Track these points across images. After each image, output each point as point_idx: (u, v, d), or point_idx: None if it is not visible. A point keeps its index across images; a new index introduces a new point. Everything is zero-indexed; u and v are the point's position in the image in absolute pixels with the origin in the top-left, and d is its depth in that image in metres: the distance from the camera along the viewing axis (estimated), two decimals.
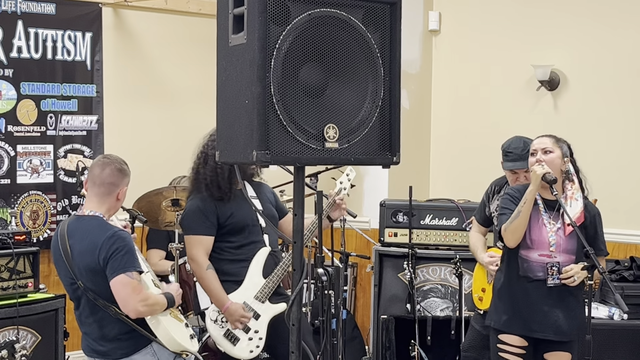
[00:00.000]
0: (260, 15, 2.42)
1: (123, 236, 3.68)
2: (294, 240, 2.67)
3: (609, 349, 4.89)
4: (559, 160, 4.04)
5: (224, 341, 4.15)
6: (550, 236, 4.00)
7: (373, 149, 2.63)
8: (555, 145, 4.08)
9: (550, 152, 4.05)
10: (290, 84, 2.47)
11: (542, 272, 4.00)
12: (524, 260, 4.02)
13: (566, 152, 4.10)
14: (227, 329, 4.16)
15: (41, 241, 5.86)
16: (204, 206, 4.15)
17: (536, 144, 4.10)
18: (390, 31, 2.65)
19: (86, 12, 6.06)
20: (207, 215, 4.14)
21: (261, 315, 4.21)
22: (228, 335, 4.15)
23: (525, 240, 4.02)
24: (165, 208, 5.13)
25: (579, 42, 5.93)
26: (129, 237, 3.72)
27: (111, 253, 3.60)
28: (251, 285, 4.21)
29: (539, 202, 4.05)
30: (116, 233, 3.66)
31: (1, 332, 4.57)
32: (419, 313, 5.48)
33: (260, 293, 4.21)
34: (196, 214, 4.17)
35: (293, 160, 2.51)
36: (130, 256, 3.64)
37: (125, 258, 3.62)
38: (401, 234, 5.71)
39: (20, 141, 5.81)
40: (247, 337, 4.17)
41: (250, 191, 4.29)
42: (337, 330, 4.10)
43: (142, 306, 3.62)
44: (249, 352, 4.18)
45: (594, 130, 5.86)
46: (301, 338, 2.75)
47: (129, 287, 3.59)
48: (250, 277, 4.21)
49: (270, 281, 4.23)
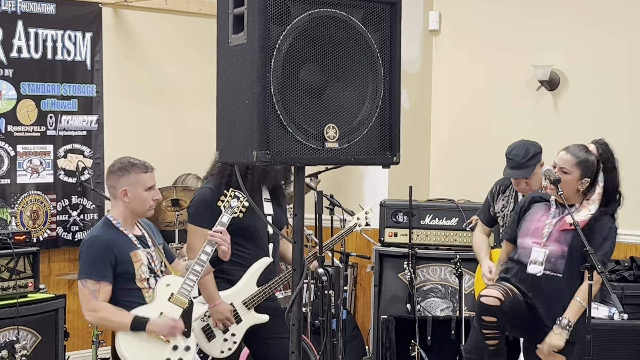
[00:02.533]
0: (260, 15, 2.42)
1: (89, 242, 3.78)
2: (294, 241, 2.66)
3: (609, 349, 4.89)
4: (574, 182, 4.02)
5: (201, 334, 4.19)
6: (546, 227, 4.06)
7: (373, 149, 2.63)
8: (576, 167, 4.02)
9: (567, 173, 4.01)
10: (290, 84, 2.47)
11: (526, 256, 4.08)
12: (519, 246, 4.14)
13: (588, 172, 4.04)
14: (207, 323, 4.20)
15: (41, 241, 5.86)
16: (213, 200, 4.09)
17: (558, 158, 4.07)
18: (390, 31, 2.65)
19: (86, 12, 6.06)
20: (212, 210, 4.09)
21: (242, 321, 4.24)
22: (206, 329, 4.20)
23: (522, 227, 4.15)
24: (165, 208, 5.14)
25: (579, 42, 5.93)
26: (95, 244, 3.75)
27: (79, 258, 3.81)
28: (243, 289, 4.23)
29: (551, 200, 4.15)
30: (88, 239, 3.81)
31: (1, 332, 4.57)
32: (419, 313, 5.48)
33: (249, 300, 4.23)
34: (204, 206, 4.17)
35: (293, 160, 2.51)
36: (88, 265, 3.73)
37: (82, 265, 3.77)
38: (401, 234, 5.70)
39: (20, 141, 5.81)
40: (223, 337, 4.21)
41: (265, 193, 4.29)
42: (337, 330, 4.11)
43: (88, 315, 3.76)
44: (220, 351, 4.22)
45: (593, 130, 5.83)
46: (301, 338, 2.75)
47: (81, 294, 3.75)
48: (244, 281, 4.23)
49: (262, 291, 4.24)
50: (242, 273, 4.23)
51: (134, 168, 3.80)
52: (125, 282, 3.77)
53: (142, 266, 3.80)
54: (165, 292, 3.82)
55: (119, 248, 3.76)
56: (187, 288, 3.83)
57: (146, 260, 3.83)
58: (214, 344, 4.21)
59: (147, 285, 3.81)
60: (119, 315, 3.73)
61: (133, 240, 3.82)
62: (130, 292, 3.78)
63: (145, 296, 3.80)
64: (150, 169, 3.84)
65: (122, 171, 3.80)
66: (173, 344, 3.77)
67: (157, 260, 3.89)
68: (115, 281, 3.76)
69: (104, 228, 3.82)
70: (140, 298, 3.79)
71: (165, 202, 5.09)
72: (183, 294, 3.81)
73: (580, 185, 4.04)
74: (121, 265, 3.75)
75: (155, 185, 3.86)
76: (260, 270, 4.24)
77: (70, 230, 6.05)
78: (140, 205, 3.82)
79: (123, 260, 3.76)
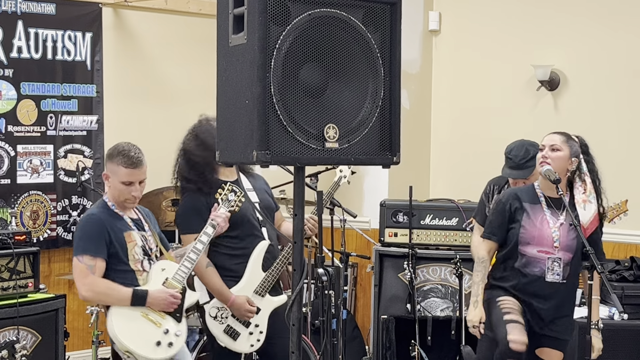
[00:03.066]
0: (260, 15, 2.42)
1: (85, 220, 3.86)
2: (294, 240, 2.67)
3: (609, 349, 4.88)
4: (566, 160, 4.02)
5: (225, 337, 4.16)
6: (554, 232, 4.02)
7: (373, 149, 2.63)
8: (565, 144, 4.04)
9: (558, 150, 4.02)
10: (290, 84, 2.47)
11: (538, 267, 4.02)
12: (522, 255, 4.05)
13: (576, 152, 4.06)
14: (227, 324, 4.17)
15: (41, 241, 5.86)
16: (195, 204, 4.16)
17: (545, 140, 4.08)
18: (391, 31, 2.65)
19: (86, 12, 6.06)
20: (199, 212, 4.14)
21: (261, 309, 4.22)
22: (228, 330, 4.17)
23: (525, 236, 4.04)
24: (165, 208, 5.14)
25: (579, 42, 5.93)
26: (90, 221, 3.82)
27: (74, 236, 3.91)
28: (251, 280, 4.22)
29: (541, 200, 4.06)
30: (84, 217, 3.91)
31: (1, 332, 4.57)
32: (419, 313, 5.48)
33: (260, 287, 4.21)
34: (189, 213, 4.20)
35: (293, 160, 2.51)
36: (84, 241, 3.78)
37: (78, 242, 3.81)
38: (401, 234, 5.70)
39: (20, 141, 5.81)
40: (248, 332, 4.19)
41: (246, 183, 4.30)
42: (337, 330, 4.11)
43: (85, 291, 3.75)
44: (250, 345, 4.20)
45: (594, 130, 5.85)
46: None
47: (76, 270, 3.77)
48: (249, 272, 4.22)
49: (270, 275, 4.23)
50: (245, 265, 4.23)
51: (118, 158, 3.84)
52: (118, 263, 3.81)
53: (136, 247, 3.86)
54: (160, 276, 3.86)
55: (113, 227, 3.82)
56: (182, 274, 3.87)
57: (140, 242, 3.88)
58: (241, 341, 4.18)
59: (141, 268, 3.86)
60: (118, 290, 3.76)
61: (128, 222, 3.89)
62: (124, 274, 3.82)
63: (139, 279, 3.85)
64: (134, 165, 3.82)
65: (110, 156, 3.89)
66: (165, 327, 3.80)
67: (152, 244, 3.95)
68: (109, 261, 3.80)
69: (100, 208, 3.90)
70: (134, 280, 3.83)
71: (165, 202, 5.09)
72: (177, 279, 3.86)
73: (570, 165, 4.04)
74: (115, 244, 3.80)
75: (136, 183, 3.85)
76: (261, 255, 4.22)
77: (70, 230, 6.05)
78: (117, 194, 3.87)
79: (117, 239, 3.81)
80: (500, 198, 4.22)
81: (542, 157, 4.02)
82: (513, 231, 4.08)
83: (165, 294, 3.81)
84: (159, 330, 3.79)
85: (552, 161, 3.98)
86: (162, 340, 3.79)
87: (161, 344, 3.78)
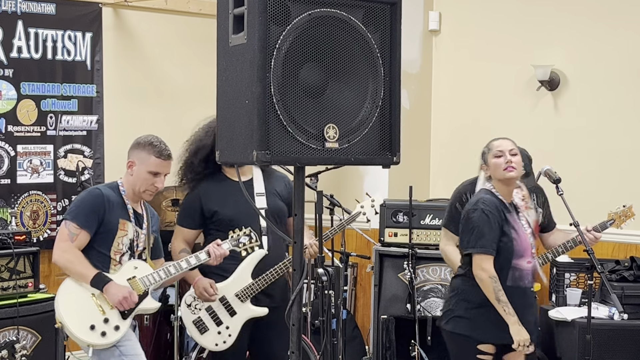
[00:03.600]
0: (261, 15, 2.42)
1: (88, 191, 3.95)
2: (294, 241, 2.66)
3: (609, 349, 4.89)
4: (521, 164, 4.01)
5: (193, 327, 4.23)
6: (531, 240, 3.98)
7: (373, 149, 2.63)
8: (517, 147, 4.02)
9: (516, 154, 3.98)
10: (290, 84, 2.47)
11: (527, 278, 3.94)
12: (516, 269, 3.90)
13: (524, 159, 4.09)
14: (198, 316, 4.23)
15: (41, 241, 5.86)
16: (189, 203, 4.37)
17: (502, 146, 3.98)
18: (391, 31, 2.64)
19: (86, 12, 6.06)
20: (189, 211, 4.35)
21: (237, 314, 4.24)
22: (197, 322, 4.22)
23: (516, 249, 3.90)
24: (166, 208, 5.14)
25: (580, 42, 5.93)
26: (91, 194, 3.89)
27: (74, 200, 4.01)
28: (236, 282, 4.25)
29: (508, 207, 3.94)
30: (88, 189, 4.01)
31: (1, 332, 4.57)
32: (419, 313, 5.48)
33: (243, 292, 4.24)
34: (183, 208, 4.44)
35: (293, 160, 2.51)
36: (77, 209, 3.85)
37: (72, 207, 3.91)
38: (401, 234, 5.70)
39: (20, 141, 5.81)
40: (217, 330, 4.23)
41: (260, 186, 4.30)
42: (337, 330, 4.11)
43: (58, 254, 3.83)
44: (215, 344, 4.25)
45: (594, 130, 5.86)
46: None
47: (60, 233, 3.87)
48: (237, 274, 4.25)
49: (256, 283, 4.25)
50: (235, 267, 4.25)
51: (149, 147, 3.93)
52: (101, 244, 3.86)
53: (125, 238, 3.90)
54: (129, 272, 3.89)
55: (111, 209, 3.87)
56: (151, 280, 3.90)
57: (132, 235, 3.92)
58: (207, 337, 4.23)
59: (118, 260, 3.90)
60: (84, 266, 3.80)
61: (129, 212, 3.93)
62: (100, 257, 3.86)
63: (111, 268, 3.88)
64: (165, 157, 3.94)
65: (139, 145, 3.97)
66: (106, 316, 3.81)
67: (141, 243, 3.97)
68: (94, 239, 3.85)
69: (109, 188, 3.96)
70: (106, 267, 3.87)
71: (165, 202, 5.09)
72: (144, 282, 3.89)
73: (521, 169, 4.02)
74: (106, 225, 3.85)
75: (162, 175, 3.94)
76: (254, 263, 4.24)
77: None
78: (139, 183, 3.91)
79: (109, 221, 3.86)
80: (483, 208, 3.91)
81: (507, 162, 3.91)
82: (505, 244, 3.89)
83: (124, 291, 3.80)
84: (99, 316, 3.80)
85: (517, 165, 3.94)
86: (98, 326, 3.79)
87: (95, 329, 3.78)
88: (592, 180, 5.80)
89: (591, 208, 5.74)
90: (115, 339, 3.82)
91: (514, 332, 3.80)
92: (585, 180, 5.77)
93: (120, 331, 3.83)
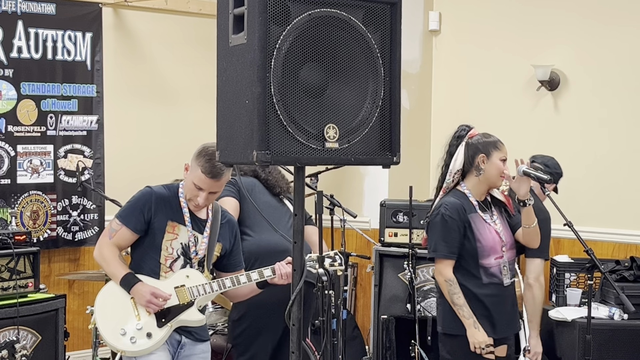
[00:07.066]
0: (261, 15, 2.42)
1: (141, 190, 3.74)
2: (294, 241, 2.66)
3: (609, 349, 4.89)
4: None
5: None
6: (502, 236, 3.94)
7: (373, 149, 2.63)
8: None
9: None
10: (290, 84, 2.47)
11: (500, 274, 3.91)
12: (486, 267, 3.89)
13: None
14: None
15: (41, 241, 5.86)
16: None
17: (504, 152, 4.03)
18: (391, 31, 2.64)
19: (86, 12, 6.07)
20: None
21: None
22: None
23: (480, 250, 3.87)
24: None
25: (580, 42, 5.93)
26: (142, 192, 3.70)
27: None
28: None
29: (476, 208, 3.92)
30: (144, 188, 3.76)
31: (1, 332, 4.57)
32: (419, 313, 5.48)
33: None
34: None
35: (293, 160, 2.51)
36: (125, 206, 3.73)
37: (124, 204, 3.78)
38: (401, 234, 5.70)
39: (20, 141, 5.81)
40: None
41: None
42: (337, 330, 4.11)
43: (96, 250, 3.71)
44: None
45: (594, 130, 5.86)
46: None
47: (105, 228, 3.81)
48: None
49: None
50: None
51: (202, 159, 3.61)
52: (151, 247, 3.65)
53: (175, 242, 3.65)
54: (179, 280, 3.64)
55: (161, 209, 3.64)
56: (201, 291, 3.65)
57: (185, 240, 3.66)
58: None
59: (169, 266, 3.66)
60: (117, 265, 3.63)
61: (185, 215, 3.68)
62: (152, 263, 3.65)
63: (161, 274, 3.65)
64: (212, 175, 3.59)
65: (199, 153, 3.65)
66: (141, 323, 3.59)
67: (201, 251, 3.71)
68: (144, 239, 3.66)
69: (166, 188, 3.73)
70: (155, 272, 3.65)
71: None
72: (191, 292, 3.64)
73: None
74: (153, 225, 3.63)
75: (206, 192, 3.63)
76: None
77: (70, 231, 6.06)
78: (186, 189, 3.69)
79: (156, 221, 3.63)
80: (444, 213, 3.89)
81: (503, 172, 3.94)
82: (469, 246, 3.87)
83: (152, 291, 3.57)
84: (132, 322, 3.59)
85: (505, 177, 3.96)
86: (129, 332, 3.57)
87: (126, 335, 3.57)
88: (592, 180, 5.80)
89: (591, 208, 5.75)
90: (145, 347, 3.58)
91: (469, 334, 3.80)
92: (585, 180, 5.77)
93: (152, 339, 3.59)
